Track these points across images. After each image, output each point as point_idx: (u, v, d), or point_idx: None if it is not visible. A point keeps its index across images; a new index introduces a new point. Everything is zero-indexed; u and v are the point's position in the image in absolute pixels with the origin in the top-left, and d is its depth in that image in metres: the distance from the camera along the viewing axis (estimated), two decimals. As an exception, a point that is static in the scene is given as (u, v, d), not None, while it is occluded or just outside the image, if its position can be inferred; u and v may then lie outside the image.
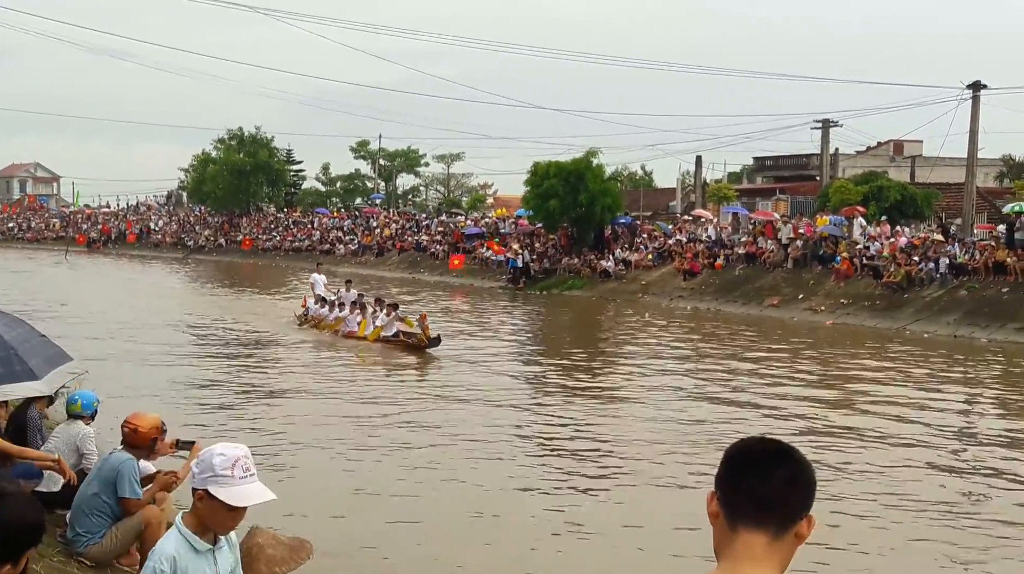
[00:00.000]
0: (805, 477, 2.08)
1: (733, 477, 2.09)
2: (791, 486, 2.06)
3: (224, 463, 3.41)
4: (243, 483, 3.44)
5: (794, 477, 2.06)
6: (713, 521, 2.10)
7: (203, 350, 22.77)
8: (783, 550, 2.05)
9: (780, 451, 2.10)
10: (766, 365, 21.03)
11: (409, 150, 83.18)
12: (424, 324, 22.65)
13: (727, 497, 2.08)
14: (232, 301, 35.93)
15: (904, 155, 53.88)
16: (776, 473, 2.05)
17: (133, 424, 6.88)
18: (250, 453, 3.51)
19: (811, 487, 2.09)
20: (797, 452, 2.11)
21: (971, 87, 38.40)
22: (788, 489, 2.05)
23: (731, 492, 2.08)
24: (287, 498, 10.29)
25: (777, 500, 2.04)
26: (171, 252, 69.54)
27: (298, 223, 67.90)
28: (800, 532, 2.06)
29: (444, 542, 9.29)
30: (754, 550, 2.03)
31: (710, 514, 2.11)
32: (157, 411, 7.49)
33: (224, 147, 74.52)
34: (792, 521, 2.05)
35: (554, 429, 14.51)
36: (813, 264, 34.23)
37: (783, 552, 2.05)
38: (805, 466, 2.09)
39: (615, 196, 44.09)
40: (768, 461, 2.07)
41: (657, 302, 35.68)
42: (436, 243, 52.22)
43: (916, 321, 28.22)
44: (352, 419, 14.78)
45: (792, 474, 2.06)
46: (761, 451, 2.10)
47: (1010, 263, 28.34)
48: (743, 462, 2.10)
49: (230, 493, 3.41)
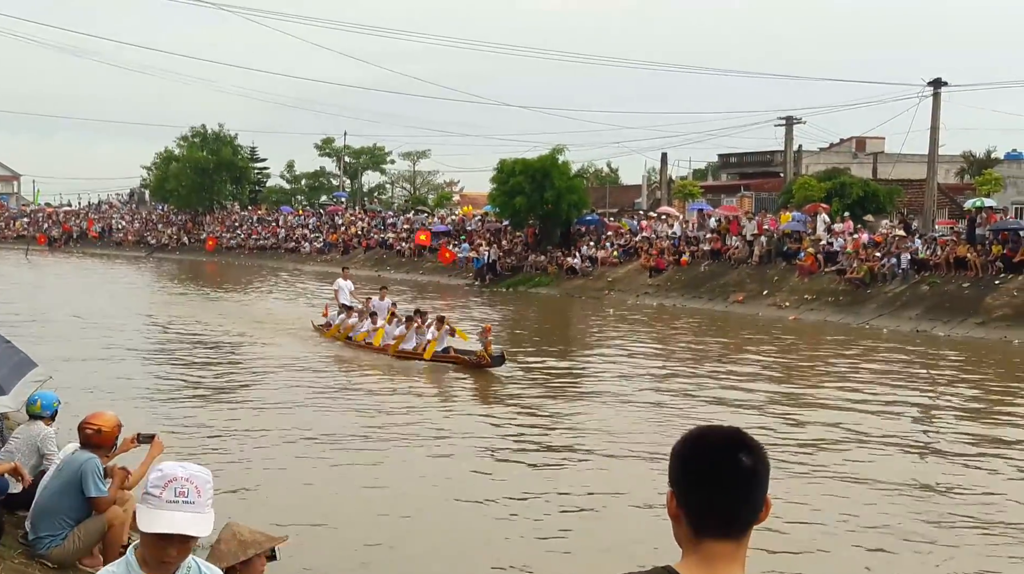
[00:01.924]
0: (758, 478, 2.02)
1: (694, 490, 2.03)
2: (748, 496, 2.02)
3: (157, 480, 2.93)
4: (168, 509, 2.89)
5: (752, 486, 2.02)
6: (674, 521, 2.06)
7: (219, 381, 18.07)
8: (746, 545, 2.04)
9: (733, 452, 2.01)
10: (730, 359, 21.19)
11: (375, 147, 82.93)
12: (486, 339, 19.23)
13: (689, 509, 2.03)
14: (231, 306, 33.04)
15: (867, 152, 54.35)
16: (735, 489, 2.00)
17: (95, 425, 6.81)
18: (202, 479, 2.96)
19: (765, 484, 2.04)
20: (749, 446, 2.03)
21: (932, 84, 38.83)
22: (747, 500, 2.02)
23: (695, 508, 2.02)
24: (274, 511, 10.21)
25: (743, 514, 2.02)
26: (134, 251, 68.90)
27: (263, 221, 67.48)
28: (759, 519, 2.05)
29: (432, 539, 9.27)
30: (724, 552, 2.01)
31: (671, 515, 2.06)
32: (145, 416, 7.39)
33: (187, 145, 73.94)
34: (755, 520, 2.04)
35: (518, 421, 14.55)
36: (777, 260, 34.50)
37: (746, 547, 2.04)
38: (755, 468, 2.02)
39: (581, 193, 44.18)
40: (725, 473, 2.00)
41: (623, 299, 35.81)
42: (402, 241, 52.11)
43: (879, 316, 28.52)
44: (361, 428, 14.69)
45: (749, 483, 2.01)
46: (715, 457, 2.02)
47: (971, 258, 28.71)
48: (696, 475, 2.03)
49: (147, 516, 2.90)
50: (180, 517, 2.88)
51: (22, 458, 7.71)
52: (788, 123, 47.77)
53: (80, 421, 6.94)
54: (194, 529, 2.91)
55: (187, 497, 2.91)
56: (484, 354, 19.01)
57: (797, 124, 47.94)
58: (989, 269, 28.18)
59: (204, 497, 2.95)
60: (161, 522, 2.87)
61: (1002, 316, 26.05)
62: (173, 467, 2.96)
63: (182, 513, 2.89)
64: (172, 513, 2.88)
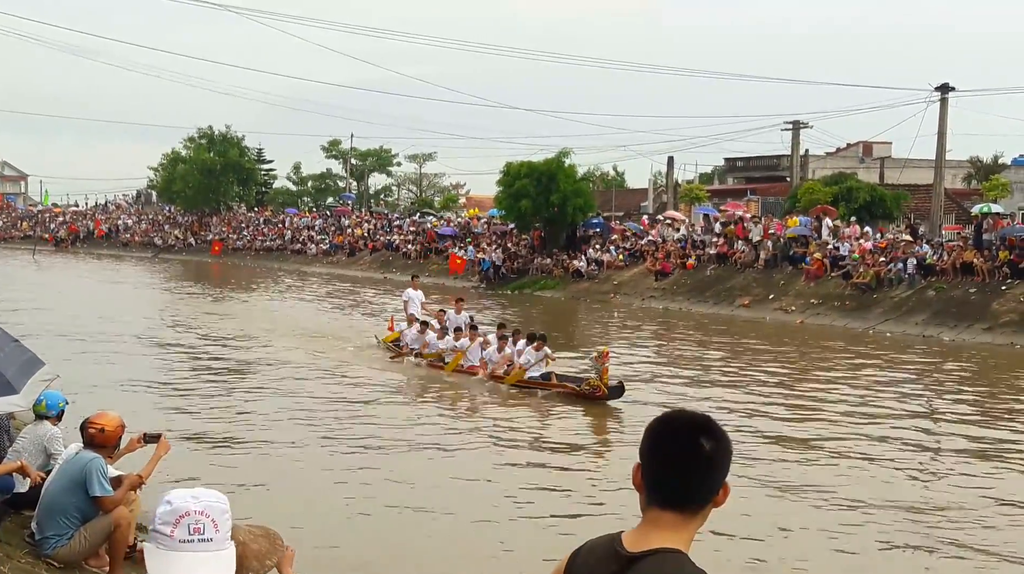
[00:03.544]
0: (715, 463, 2.15)
1: (651, 466, 2.19)
2: (703, 478, 2.15)
3: (167, 515, 2.47)
4: (182, 550, 2.45)
5: (706, 468, 2.15)
6: (638, 492, 2.23)
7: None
8: (696, 521, 2.18)
9: (696, 436, 2.15)
10: (736, 363, 21.17)
11: (381, 150, 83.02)
12: (603, 365, 15.90)
13: (646, 482, 2.21)
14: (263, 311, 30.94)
15: (873, 156, 54.30)
16: (689, 469, 2.14)
17: (99, 424, 6.84)
18: (218, 509, 2.50)
19: (723, 470, 2.17)
20: (712, 432, 2.17)
21: (939, 89, 38.80)
22: (700, 482, 2.15)
23: (650, 480, 2.20)
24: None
25: (690, 494, 2.16)
26: (140, 251, 69.04)
27: (269, 222, 67.56)
28: (716, 502, 2.18)
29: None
30: (667, 521, 2.16)
31: (635, 486, 2.23)
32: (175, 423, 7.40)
33: (194, 146, 74.06)
34: (705, 504, 2.17)
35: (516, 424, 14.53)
36: (783, 264, 34.45)
37: (696, 522, 2.18)
38: (713, 453, 2.15)
39: (587, 196, 44.19)
40: (683, 454, 2.15)
41: (629, 302, 35.80)
42: (408, 243, 52.14)
43: (885, 321, 28.47)
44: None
45: (704, 466, 2.15)
46: (675, 440, 2.17)
47: (977, 264, 28.64)
48: (657, 451, 2.19)
49: (159, 561, 2.46)
50: (198, 559, 2.46)
51: (29, 458, 7.74)
52: (795, 127, 47.74)
53: (83, 421, 6.96)
54: (215, 571, 2.50)
55: (203, 534, 2.48)
56: (599, 383, 15.75)
57: (804, 128, 47.95)
58: (996, 275, 28.11)
59: (222, 531, 2.52)
60: (178, 567, 2.45)
61: (1008, 322, 25.98)
62: (184, 498, 2.51)
63: (200, 553, 2.47)
64: (188, 555, 2.46)
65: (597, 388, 15.66)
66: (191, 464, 11.16)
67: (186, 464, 10.85)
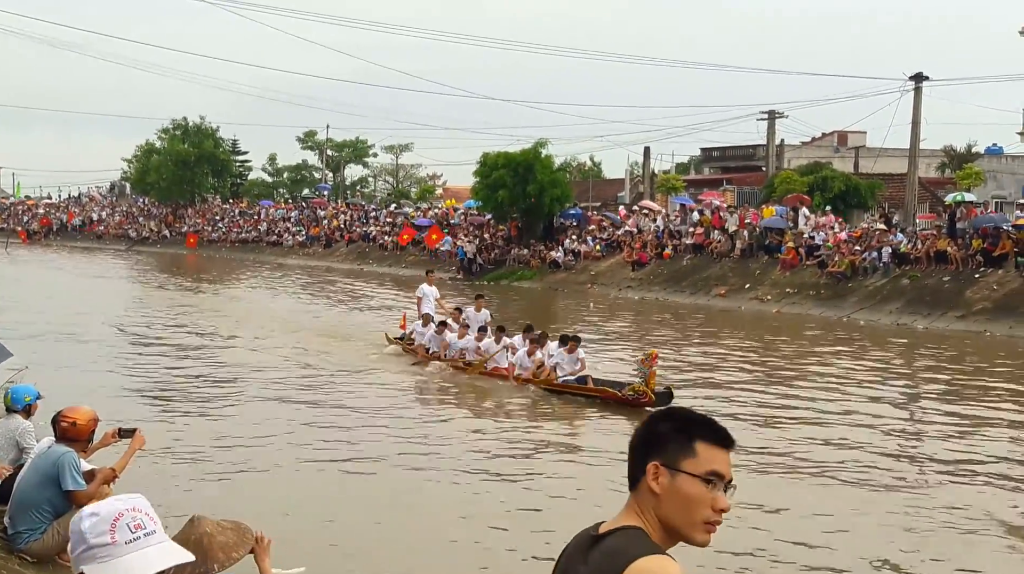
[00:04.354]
0: (638, 439, 2.34)
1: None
2: (632, 452, 2.35)
3: (96, 526, 2.24)
4: (132, 550, 2.24)
5: (634, 443, 2.35)
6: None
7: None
8: (640, 500, 2.30)
9: (653, 424, 2.36)
10: (713, 352, 21.25)
11: (357, 141, 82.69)
12: (650, 369, 14.56)
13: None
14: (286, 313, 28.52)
15: (848, 146, 54.54)
16: (633, 444, 2.36)
17: (71, 418, 6.77)
18: (145, 503, 2.32)
19: (645, 448, 2.32)
20: (668, 418, 2.35)
21: (913, 79, 39.00)
22: (631, 455, 2.35)
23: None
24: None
25: (631, 471, 2.35)
26: (114, 244, 68.55)
27: (244, 214, 67.21)
28: (649, 487, 2.29)
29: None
30: (627, 502, 2.34)
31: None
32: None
33: (168, 137, 73.54)
34: (635, 479, 2.32)
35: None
36: (759, 254, 34.59)
37: (640, 502, 2.30)
38: (643, 429, 2.35)
39: (564, 187, 44.21)
40: (634, 436, 2.37)
41: (606, 292, 35.87)
42: (384, 234, 52.00)
43: (860, 309, 28.67)
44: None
45: (633, 440, 2.36)
46: (642, 425, 2.38)
47: (951, 252, 28.86)
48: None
49: (114, 567, 2.22)
50: (152, 554, 2.25)
51: (0, 452, 7.66)
52: (770, 117, 47.88)
53: (55, 414, 6.89)
54: (172, 559, 2.30)
55: (145, 528, 2.27)
56: (645, 389, 14.39)
57: (779, 118, 48.08)
58: (969, 263, 28.34)
59: (158, 522, 2.33)
60: (147, 564, 2.23)
61: (982, 310, 26.21)
62: (108, 504, 2.30)
63: (151, 549, 2.26)
64: (138, 554, 2.24)
65: (643, 394, 14.23)
66: (172, 462, 11.09)
67: (166, 462, 10.79)
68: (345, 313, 29.66)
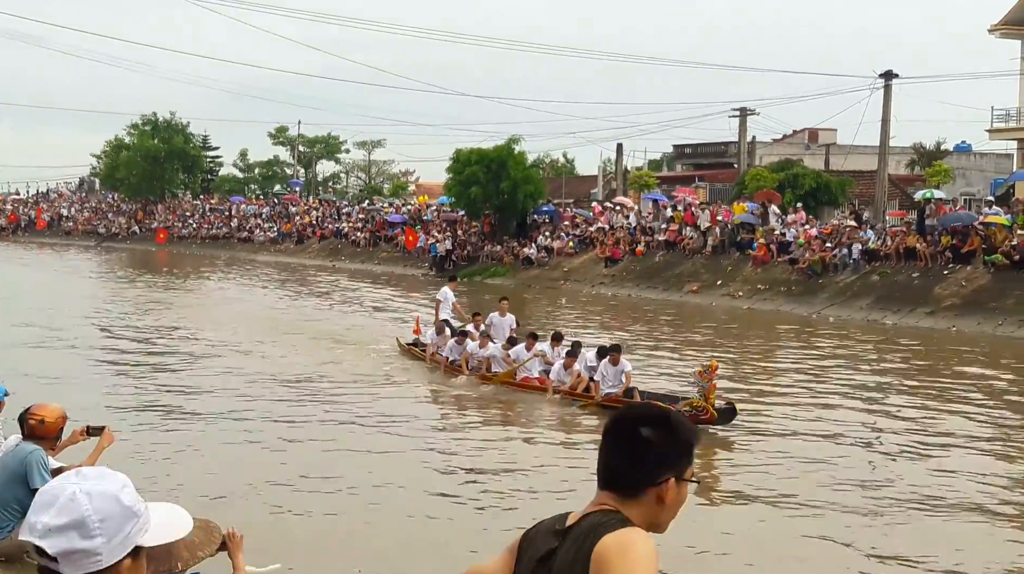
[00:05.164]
0: (646, 451, 2.25)
1: (602, 449, 2.34)
2: (630, 463, 2.26)
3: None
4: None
5: (632, 455, 2.26)
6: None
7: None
8: (633, 505, 2.25)
9: (639, 424, 2.27)
10: (686, 349, 21.34)
11: (329, 136, 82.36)
12: (709, 382, 12.99)
13: (598, 464, 2.36)
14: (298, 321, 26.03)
15: (819, 143, 54.89)
16: (616, 452, 2.28)
17: (39, 415, 6.71)
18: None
19: (663, 459, 2.26)
20: (651, 422, 2.27)
21: (883, 76, 39.28)
22: (626, 466, 2.26)
23: (599, 463, 2.34)
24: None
25: (619, 476, 2.27)
26: (83, 240, 67.89)
27: (215, 210, 66.78)
28: (660, 496, 2.25)
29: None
30: (605, 500, 2.28)
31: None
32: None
33: (138, 133, 72.93)
34: (639, 489, 2.25)
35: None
36: (731, 250, 34.77)
37: (633, 507, 2.25)
38: (649, 440, 2.25)
39: (537, 183, 44.23)
40: (616, 437, 2.29)
41: (579, 289, 35.92)
42: (357, 230, 51.83)
43: (830, 306, 28.88)
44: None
45: (632, 452, 2.26)
46: (618, 425, 2.31)
47: (920, 249, 29.12)
48: (603, 435, 2.35)
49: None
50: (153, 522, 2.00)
51: (-33, 450, 7.57)
52: (742, 114, 48.09)
53: (23, 411, 6.82)
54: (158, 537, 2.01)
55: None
56: (706, 404, 12.84)
57: (751, 115, 48.30)
58: (938, 260, 28.61)
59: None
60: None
61: (950, 306, 26.47)
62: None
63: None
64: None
65: (703, 410, 12.73)
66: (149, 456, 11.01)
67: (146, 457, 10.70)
68: (341, 315, 28.26)
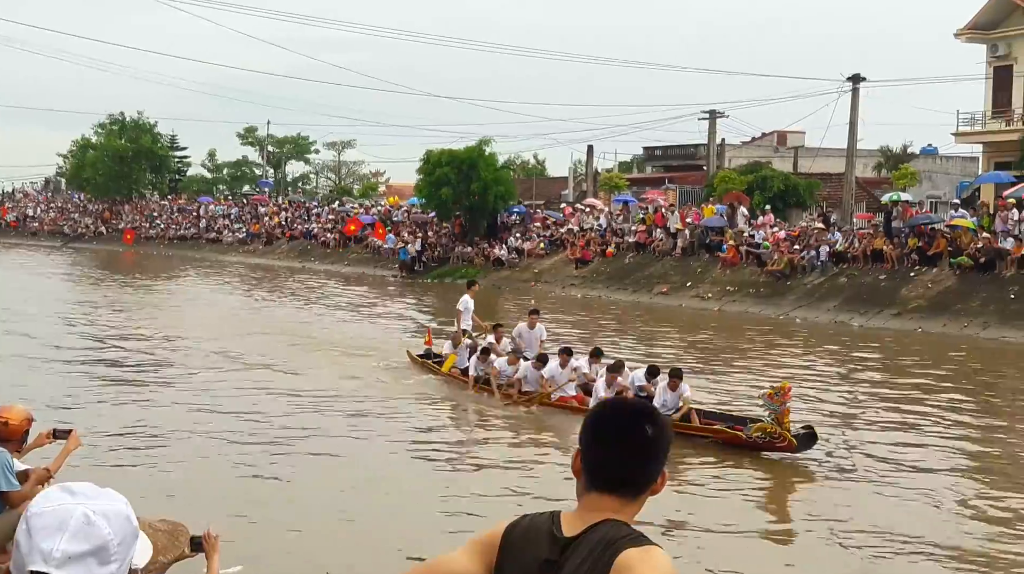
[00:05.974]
0: (656, 448, 2.19)
1: (593, 450, 2.21)
2: (644, 463, 2.18)
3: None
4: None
5: (644, 455, 2.18)
6: (576, 478, 2.24)
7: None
8: (634, 506, 2.20)
9: (631, 423, 2.19)
10: (655, 349, 21.43)
11: (299, 137, 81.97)
12: (783, 405, 11.47)
13: (586, 466, 2.21)
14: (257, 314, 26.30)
15: (787, 146, 55.26)
16: (625, 453, 2.17)
17: (3, 417, 6.63)
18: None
19: (663, 456, 2.21)
20: (651, 419, 2.20)
21: (851, 80, 39.63)
22: (637, 467, 2.18)
23: (590, 464, 2.20)
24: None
25: (631, 478, 2.18)
26: (49, 241, 67.14)
27: (183, 211, 66.26)
28: (654, 490, 2.22)
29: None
30: (603, 505, 2.17)
31: (574, 472, 2.24)
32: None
33: (105, 132, 72.22)
34: (643, 489, 2.20)
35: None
36: (701, 252, 34.94)
37: (634, 507, 2.20)
38: (655, 439, 2.18)
39: (508, 185, 44.25)
40: (620, 437, 2.18)
41: (549, 290, 35.96)
42: (326, 231, 51.60)
43: (799, 307, 29.09)
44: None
45: (641, 452, 2.18)
46: (615, 424, 2.20)
47: (887, 251, 29.40)
48: (598, 434, 2.21)
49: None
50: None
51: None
52: (711, 117, 48.33)
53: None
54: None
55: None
56: (781, 430, 11.39)
57: (720, 118, 48.55)
58: (905, 262, 28.91)
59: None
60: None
61: (916, 307, 26.75)
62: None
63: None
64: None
65: (779, 436, 11.33)
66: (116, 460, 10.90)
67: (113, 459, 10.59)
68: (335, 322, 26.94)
